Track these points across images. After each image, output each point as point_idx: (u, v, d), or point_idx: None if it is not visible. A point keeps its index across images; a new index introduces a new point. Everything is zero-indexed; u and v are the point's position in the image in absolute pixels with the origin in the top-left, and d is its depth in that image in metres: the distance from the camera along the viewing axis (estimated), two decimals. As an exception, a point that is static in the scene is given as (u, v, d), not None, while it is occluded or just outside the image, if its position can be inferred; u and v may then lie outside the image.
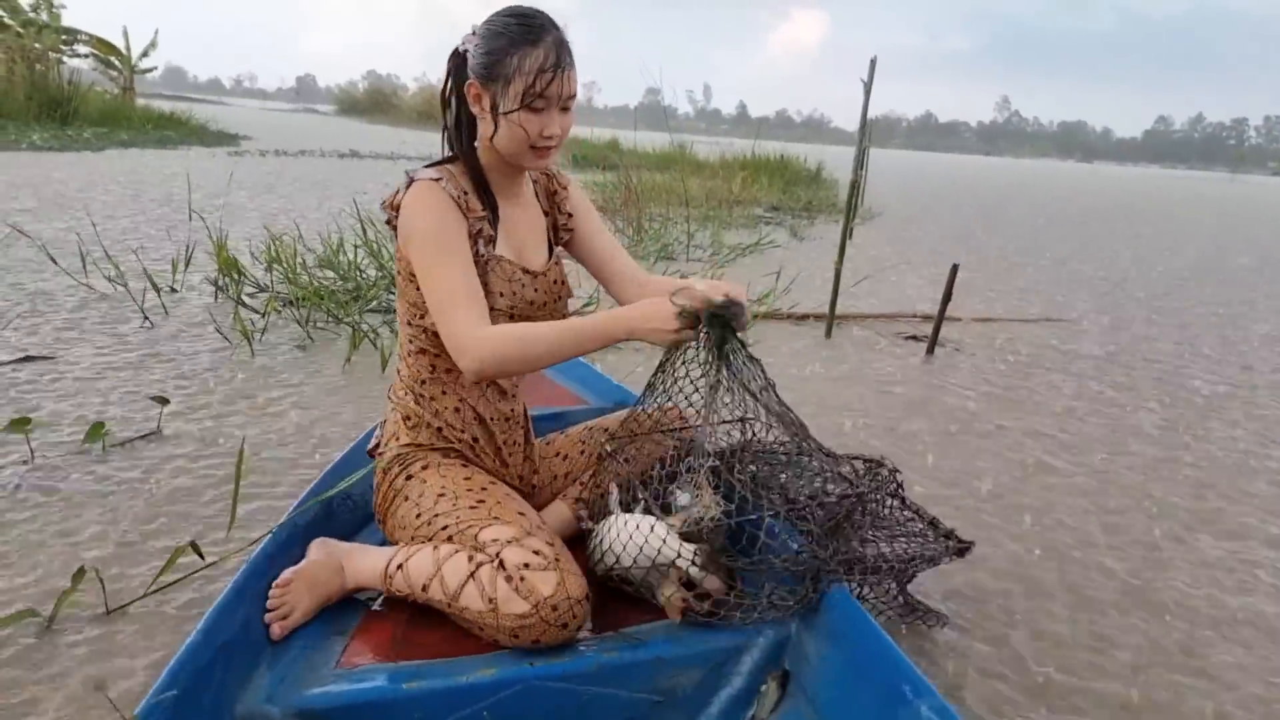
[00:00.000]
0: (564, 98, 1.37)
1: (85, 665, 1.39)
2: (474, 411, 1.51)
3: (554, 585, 1.21)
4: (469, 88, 1.39)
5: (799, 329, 4.24)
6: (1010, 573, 1.96)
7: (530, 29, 1.34)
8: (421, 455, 1.47)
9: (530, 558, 1.24)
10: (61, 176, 8.11)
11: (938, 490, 2.38)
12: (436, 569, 1.28)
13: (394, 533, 1.46)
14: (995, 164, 73.20)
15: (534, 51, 1.33)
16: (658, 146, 15.20)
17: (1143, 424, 3.13)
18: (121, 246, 4.81)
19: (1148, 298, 6.10)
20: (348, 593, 1.39)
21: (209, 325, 3.40)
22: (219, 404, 2.59)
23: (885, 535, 1.56)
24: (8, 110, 13.40)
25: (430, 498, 1.40)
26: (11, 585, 1.59)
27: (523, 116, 1.35)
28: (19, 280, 3.90)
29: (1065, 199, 20.26)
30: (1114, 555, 2.10)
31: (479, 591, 1.23)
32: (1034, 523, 2.23)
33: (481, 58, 1.36)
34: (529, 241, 1.54)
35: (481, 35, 1.38)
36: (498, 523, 1.32)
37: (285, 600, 1.31)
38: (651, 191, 8.93)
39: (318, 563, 1.38)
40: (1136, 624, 1.80)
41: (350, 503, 1.64)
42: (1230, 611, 1.88)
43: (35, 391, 2.56)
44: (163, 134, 15.17)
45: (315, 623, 1.33)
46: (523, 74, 1.33)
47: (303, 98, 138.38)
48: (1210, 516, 2.38)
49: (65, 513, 1.87)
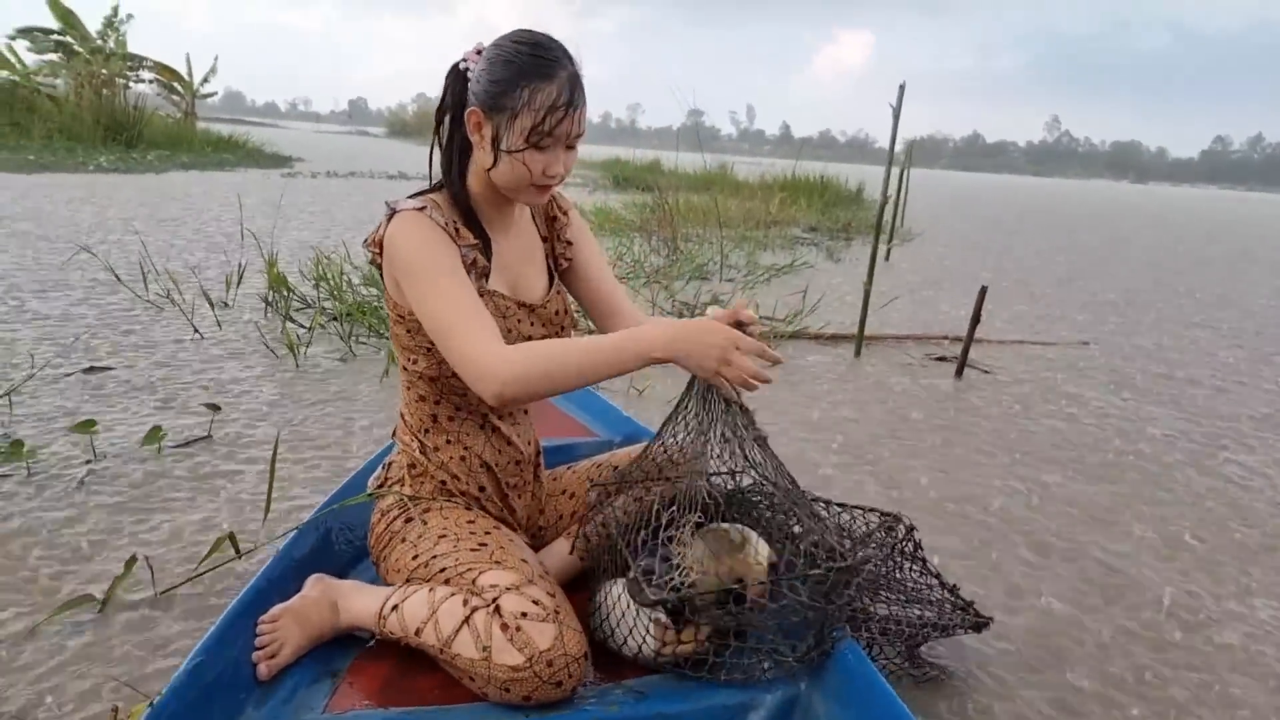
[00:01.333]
0: (572, 136, 1.30)
1: (133, 644, 1.53)
2: (480, 460, 1.45)
3: (551, 639, 1.15)
4: (470, 115, 1.30)
5: (827, 348, 4.31)
6: (1029, 621, 1.85)
7: (544, 62, 1.25)
8: (424, 502, 1.42)
9: (529, 607, 1.17)
10: (125, 197, 8.49)
11: (945, 519, 2.43)
12: (431, 612, 1.22)
13: (388, 575, 1.41)
14: (1044, 184, 72.11)
15: (546, 87, 1.24)
16: (698, 167, 15.35)
17: (1164, 451, 3.14)
18: (179, 263, 5.06)
19: (1194, 322, 6.04)
20: (341, 631, 1.35)
21: (258, 338, 3.58)
22: (264, 411, 2.75)
23: (898, 597, 1.48)
24: (77, 134, 14.01)
25: (430, 539, 1.34)
26: (73, 571, 1.74)
27: (527, 155, 1.27)
28: (86, 295, 4.14)
29: (1115, 220, 19.94)
30: (1143, 606, 1.96)
31: (473, 639, 1.17)
32: (1053, 562, 2.27)
33: (487, 85, 1.27)
34: (526, 272, 1.46)
35: (489, 60, 1.28)
36: (498, 568, 1.25)
37: (275, 636, 1.27)
38: (688, 212, 9.06)
39: (311, 599, 1.34)
40: (1175, 696, 1.62)
41: (349, 535, 1.62)
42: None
43: (98, 398, 2.75)
44: (221, 156, 15.72)
45: (305, 661, 1.29)
46: (532, 110, 1.24)
47: (354, 120, 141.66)
48: (1256, 556, 2.38)
49: (122, 507, 2.02)
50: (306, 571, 1.42)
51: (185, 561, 1.80)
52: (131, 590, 1.67)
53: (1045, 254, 10.29)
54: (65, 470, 2.19)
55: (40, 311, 3.76)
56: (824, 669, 1.27)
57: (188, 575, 1.72)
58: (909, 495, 2.48)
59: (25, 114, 14.09)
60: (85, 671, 1.44)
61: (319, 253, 4.87)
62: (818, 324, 4.64)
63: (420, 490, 1.43)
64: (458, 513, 1.40)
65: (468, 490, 1.44)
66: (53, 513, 1.97)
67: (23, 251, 5.12)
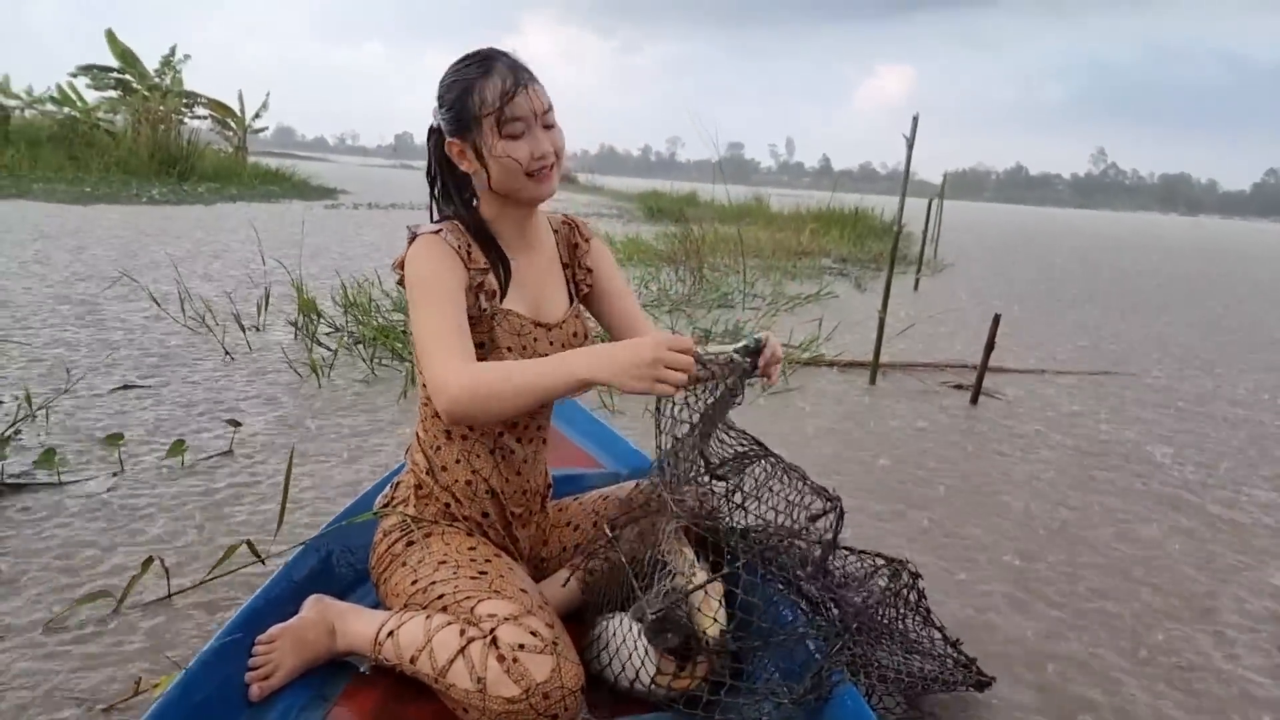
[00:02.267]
0: (540, 114, 1.34)
1: (145, 637, 1.62)
2: (486, 485, 1.45)
3: (548, 671, 1.14)
4: (450, 148, 1.38)
5: (844, 375, 4.34)
6: (1028, 653, 1.82)
7: (477, 62, 1.34)
8: (425, 525, 1.43)
9: (526, 638, 1.17)
10: (172, 226, 8.83)
11: (936, 549, 2.46)
12: (427, 641, 1.22)
13: (387, 599, 1.40)
14: (1088, 217, 71.18)
15: (489, 81, 1.32)
16: (735, 200, 15.49)
17: (1170, 485, 3.13)
18: (217, 289, 5.27)
19: (1223, 355, 5.96)
20: (337, 655, 1.35)
21: (284, 360, 3.73)
22: (284, 429, 2.87)
23: (899, 646, 1.46)
24: (133, 167, 14.58)
25: (430, 565, 1.34)
26: (94, 570, 1.85)
27: (507, 146, 1.32)
28: (127, 319, 4.34)
29: (1158, 252, 19.63)
30: (1152, 654, 1.92)
31: (468, 669, 1.16)
32: (1058, 595, 2.28)
33: (448, 114, 1.36)
34: (545, 292, 1.48)
35: (439, 97, 1.37)
36: (497, 597, 1.25)
37: (269, 658, 1.28)
38: (717, 243, 9.16)
39: (308, 621, 1.34)
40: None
41: (351, 556, 1.62)
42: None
43: (130, 413, 2.89)
44: (268, 189, 16.23)
45: (298, 685, 1.28)
46: (488, 105, 1.31)
47: (399, 154, 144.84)
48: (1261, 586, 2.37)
49: (144, 513, 2.14)
50: (306, 592, 1.42)
51: (200, 566, 1.90)
52: (148, 590, 1.77)
53: (1079, 286, 10.19)
54: (93, 478, 2.32)
55: (80, 332, 3.96)
56: (821, 714, 1.25)
57: (200, 579, 1.82)
58: (903, 524, 2.51)
59: (84, 148, 14.72)
60: (101, 657, 1.54)
61: (343, 280, 5.03)
62: (835, 351, 4.67)
63: (424, 512, 1.44)
64: (459, 538, 1.40)
65: (470, 515, 1.44)
66: (78, 517, 2.09)
67: (71, 276, 5.37)
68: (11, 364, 3.36)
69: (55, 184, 12.30)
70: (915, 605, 1.48)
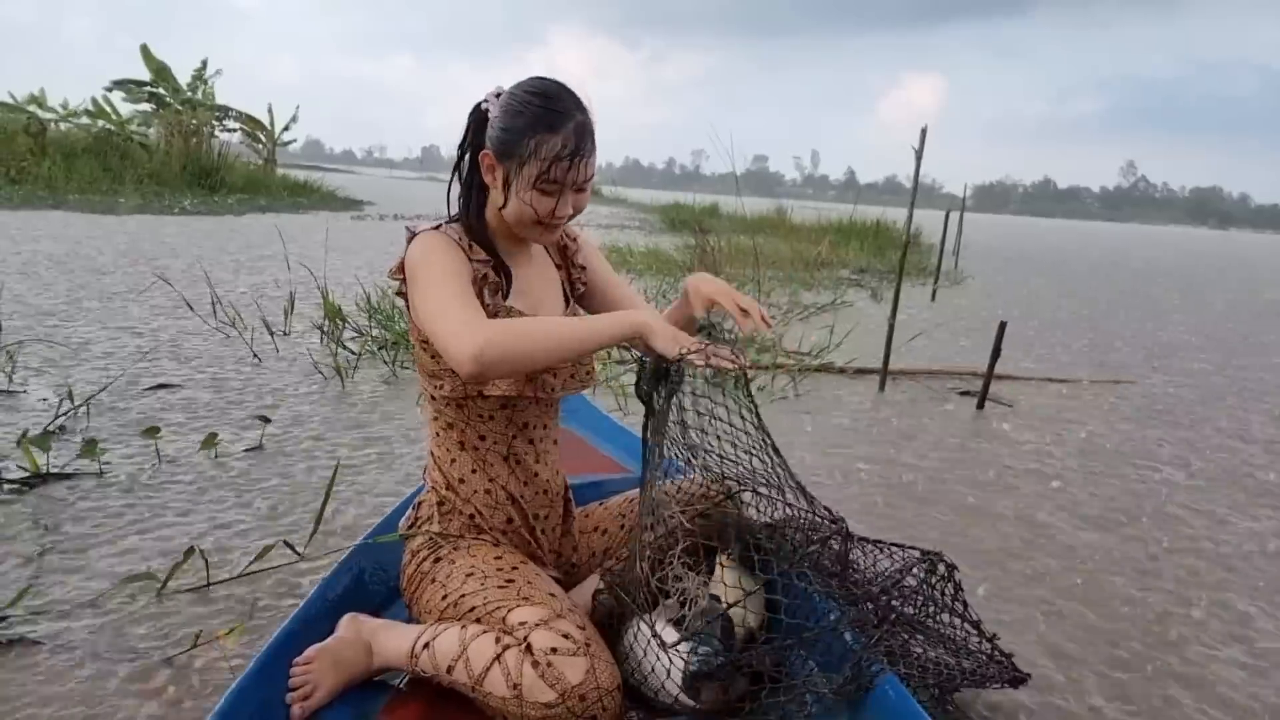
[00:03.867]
0: (579, 182, 1.35)
1: (185, 622, 1.75)
2: (505, 492, 1.47)
3: (583, 673, 1.15)
4: (483, 157, 1.37)
5: (854, 382, 4.43)
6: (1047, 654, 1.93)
7: (551, 114, 1.31)
8: (452, 540, 1.44)
9: (559, 641, 1.18)
10: (204, 235, 9.07)
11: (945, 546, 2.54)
12: (462, 650, 1.23)
13: (421, 616, 1.42)
14: (1115, 230, 70.49)
15: (552, 139, 1.30)
16: (756, 212, 15.58)
17: (1168, 493, 3.19)
18: (246, 296, 5.45)
19: (1233, 365, 5.98)
20: (375, 673, 1.37)
21: (310, 363, 3.88)
22: (311, 427, 3.00)
23: (933, 639, 1.44)
24: (165, 179, 14.92)
25: (458, 579, 1.36)
26: (140, 555, 1.99)
27: (534, 197, 1.33)
28: (162, 322, 4.53)
29: (1184, 265, 19.47)
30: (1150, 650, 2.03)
31: (504, 677, 1.17)
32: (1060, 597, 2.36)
33: (499, 132, 1.34)
34: (545, 300, 1.51)
35: (503, 107, 1.35)
36: (527, 604, 1.26)
37: (308, 679, 1.29)
38: (736, 253, 9.26)
39: (345, 640, 1.36)
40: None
41: (384, 574, 1.63)
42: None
43: (166, 410, 3.04)
44: (296, 200, 16.53)
45: (339, 704, 1.30)
46: (538, 159, 1.30)
47: (426, 167, 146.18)
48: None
49: (183, 504, 2.27)
50: (340, 611, 1.44)
51: (235, 554, 2.03)
52: (186, 577, 1.89)
53: (1096, 297, 10.18)
54: (133, 469, 2.46)
55: (119, 334, 4.14)
56: (864, 705, 1.25)
57: (238, 571, 1.92)
58: (902, 520, 2.60)
59: (119, 161, 15.08)
60: (149, 630, 1.67)
61: (365, 288, 5.19)
62: (847, 359, 4.75)
63: (449, 527, 1.45)
64: (484, 550, 1.42)
65: (495, 525, 1.47)
66: (119, 504, 2.23)
67: (108, 282, 5.58)
68: (55, 364, 3.53)
69: (90, 195, 12.64)
70: (952, 598, 1.45)
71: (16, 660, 1.54)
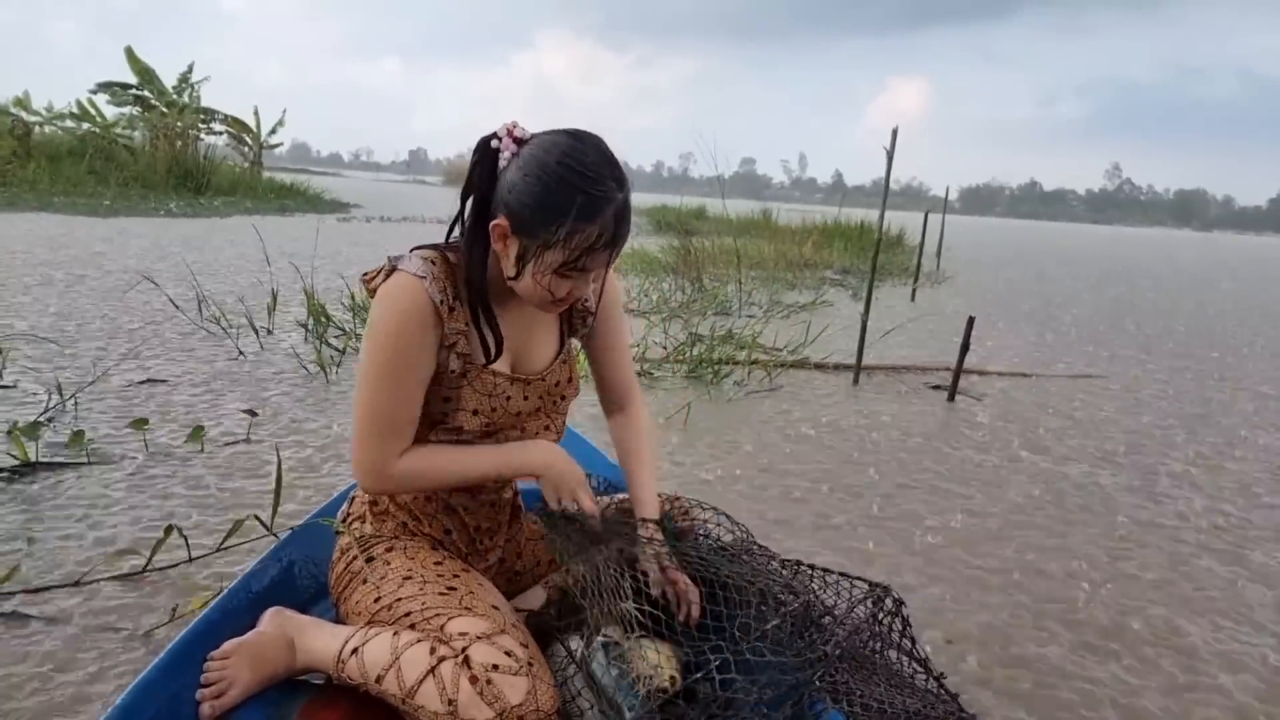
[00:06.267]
0: (598, 271, 1.21)
1: (166, 598, 1.83)
2: (445, 502, 1.37)
3: (523, 693, 1.09)
4: (495, 227, 1.18)
5: (829, 377, 4.53)
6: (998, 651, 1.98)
7: (591, 199, 1.13)
8: (385, 540, 1.36)
9: (501, 658, 1.11)
10: (189, 237, 9.11)
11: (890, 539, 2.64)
12: (394, 659, 1.15)
13: (349, 618, 1.32)
14: (1099, 232, 71.08)
15: (588, 229, 1.14)
16: (743, 214, 15.71)
17: (1113, 489, 3.30)
18: (231, 295, 5.51)
19: (1190, 356, 6.11)
20: (296, 673, 1.28)
21: (293, 358, 3.95)
22: (293, 419, 3.08)
23: (880, 677, 1.37)
24: (150, 182, 14.93)
25: (394, 580, 1.27)
26: (124, 535, 2.06)
27: (553, 280, 1.18)
28: (150, 320, 4.60)
29: (1165, 265, 19.72)
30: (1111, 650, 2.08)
31: (438, 690, 1.10)
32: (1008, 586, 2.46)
33: (521, 204, 1.15)
34: (533, 342, 1.37)
35: (527, 170, 1.14)
36: (469, 614, 1.18)
37: (223, 675, 1.21)
38: (719, 254, 9.37)
39: (266, 635, 1.28)
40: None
41: (313, 568, 1.54)
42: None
43: (153, 403, 3.11)
44: (282, 202, 16.55)
45: (253, 703, 1.21)
46: (568, 248, 1.15)
47: (413, 170, 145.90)
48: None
49: (166, 489, 2.35)
50: (265, 604, 1.35)
51: (218, 537, 2.11)
52: (168, 554, 1.97)
53: (1071, 296, 10.34)
54: (121, 458, 2.53)
55: (106, 331, 4.20)
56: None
57: (217, 547, 2.01)
58: (860, 506, 2.70)
59: (104, 163, 15.08)
60: (133, 603, 1.74)
61: (349, 284, 5.26)
62: (821, 355, 4.86)
63: (382, 529, 1.37)
64: (424, 553, 1.33)
65: (430, 532, 1.38)
66: (106, 490, 2.30)
67: (94, 282, 5.63)
68: (44, 360, 3.59)
69: (75, 197, 12.63)
70: (900, 634, 1.41)
71: (7, 632, 1.62)
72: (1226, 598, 2.19)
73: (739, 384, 4.15)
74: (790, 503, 2.63)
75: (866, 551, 2.31)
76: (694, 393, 3.87)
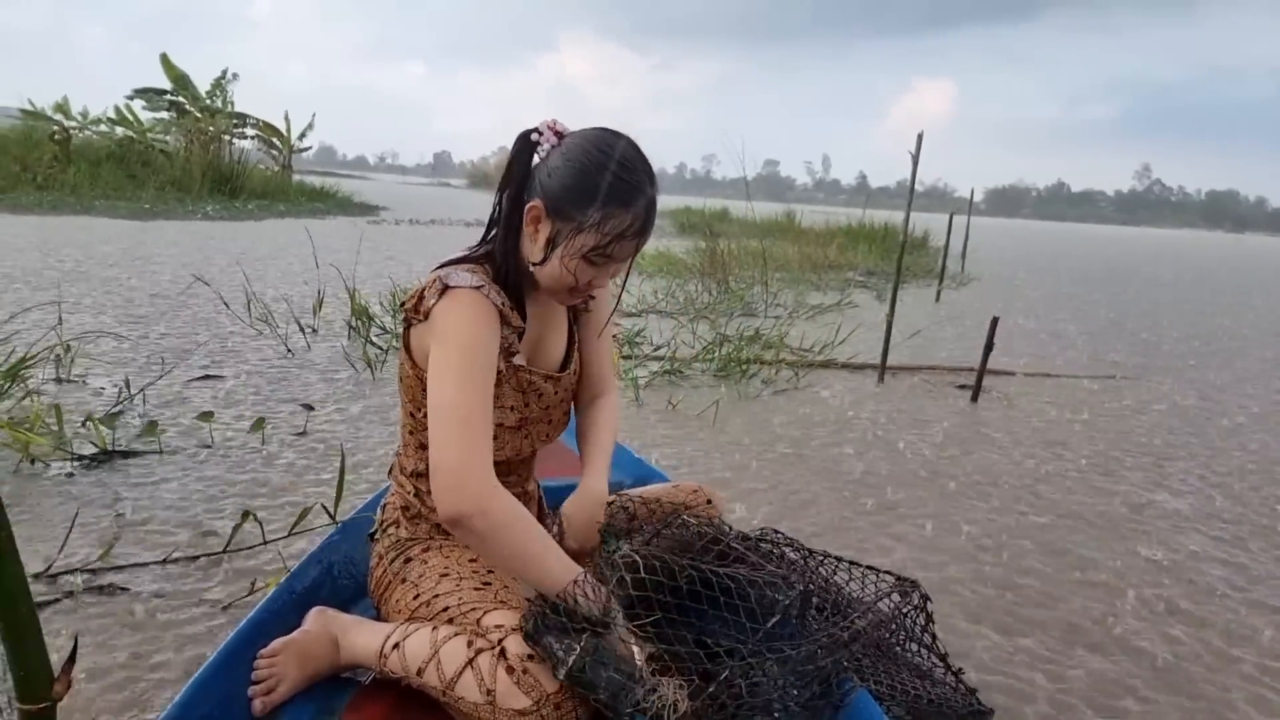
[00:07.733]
0: (630, 257, 1.29)
1: (247, 573, 1.99)
2: None
3: (559, 682, 1.12)
4: (530, 209, 1.26)
5: (854, 376, 4.64)
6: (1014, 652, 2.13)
7: (626, 187, 1.22)
8: (421, 542, 1.41)
9: (535, 648, 1.15)
10: (230, 240, 9.37)
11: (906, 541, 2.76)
12: (433, 652, 1.19)
13: (390, 617, 1.38)
14: (1128, 234, 70.35)
15: (623, 215, 1.22)
16: (766, 216, 15.80)
17: (1140, 489, 3.39)
18: (275, 295, 5.71)
19: (1222, 364, 6.15)
20: (340, 669, 1.33)
21: (342, 357, 4.12)
22: (347, 413, 3.25)
23: (903, 666, 1.43)
24: (186, 185, 15.26)
25: (431, 579, 1.32)
26: (205, 519, 2.23)
27: (579, 266, 1.25)
28: (202, 319, 4.80)
29: (1193, 268, 19.57)
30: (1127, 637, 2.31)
31: (476, 681, 1.14)
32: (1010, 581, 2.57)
33: (560, 188, 1.23)
34: (550, 339, 1.45)
35: (568, 159, 1.24)
36: (503, 608, 1.23)
37: (272, 672, 1.26)
38: (744, 256, 9.49)
39: (311, 634, 1.32)
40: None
41: (353, 569, 1.60)
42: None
43: (213, 398, 3.30)
44: (314, 205, 16.85)
45: (301, 699, 1.27)
46: (600, 233, 1.22)
47: (438, 172, 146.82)
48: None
49: (236, 477, 2.52)
50: (308, 605, 1.41)
51: (286, 521, 2.27)
52: (246, 537, 2.13)
53: (1098, 299, 10.34)
54: (189, 448, 2.71)
55: (164, 330, 4.41)
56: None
57: (287, 532, 2.16)
58: (888, 502, 2.82)
59: (140, 167, 15.43)
60: (218, 582, 1.91)
61: (395, 287, 5.44)
62: (846, 355, 4.97)
63: (416, 532, 1.42)
64: (459, 551, 1.38)
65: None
66: (182, 478, 2.48)
67: (147, 283, 5.86)
68: (110, 357, 3.79)
69: (115, 201, 12.96)
70: (922, 629, 1.45)
71: (106, 603, 1.78)
72: (1273, 596, 2.29)
73: (766, 383, 4.27)
74: (814, 497, 2.76)
75: (888, 547, 2.43)
76: (722, 391, 4.01)
